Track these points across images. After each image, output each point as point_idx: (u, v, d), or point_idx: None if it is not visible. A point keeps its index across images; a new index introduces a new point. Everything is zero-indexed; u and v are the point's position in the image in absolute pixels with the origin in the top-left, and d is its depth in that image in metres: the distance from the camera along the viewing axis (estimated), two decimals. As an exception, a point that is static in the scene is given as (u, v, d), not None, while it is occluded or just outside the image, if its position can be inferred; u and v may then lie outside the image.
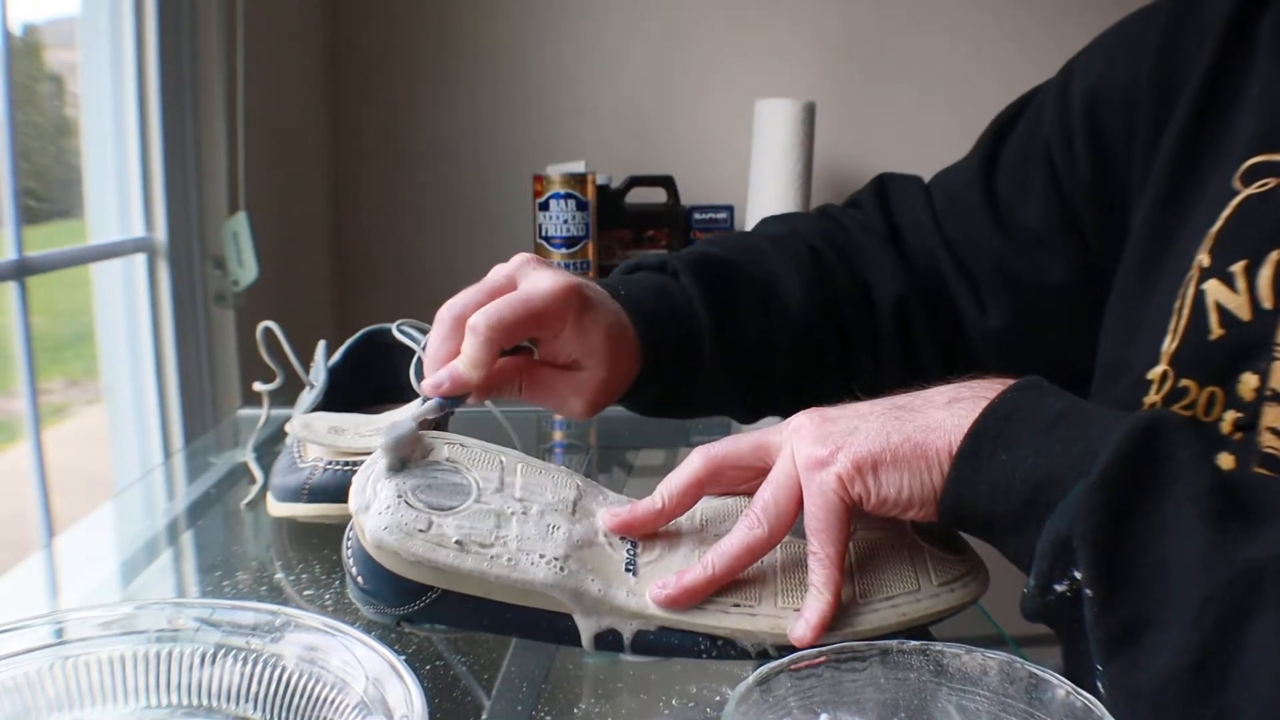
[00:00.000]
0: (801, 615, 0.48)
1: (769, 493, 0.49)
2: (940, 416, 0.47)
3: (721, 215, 1.65)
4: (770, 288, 0.69)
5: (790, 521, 0.49)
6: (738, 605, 0.49)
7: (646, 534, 0.51)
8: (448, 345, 0.56)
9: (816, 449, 0.48)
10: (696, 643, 0.49)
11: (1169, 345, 0.55)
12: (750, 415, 0.73)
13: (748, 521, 0.49)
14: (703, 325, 0.65)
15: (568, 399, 0.60)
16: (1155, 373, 0.56)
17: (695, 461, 0.51)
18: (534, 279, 0.57)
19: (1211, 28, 0.59)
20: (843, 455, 0.47)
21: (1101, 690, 0.41)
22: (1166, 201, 0.59)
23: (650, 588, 0.49)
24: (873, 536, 0.52)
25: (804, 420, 0.50)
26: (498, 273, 0.59)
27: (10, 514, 1.07)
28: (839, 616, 0.48)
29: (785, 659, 0.42)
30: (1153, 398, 0.56)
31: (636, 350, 0.62)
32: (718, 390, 0.68)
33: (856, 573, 0.50)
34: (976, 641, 0.44)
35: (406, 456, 0.49)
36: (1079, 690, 0.39)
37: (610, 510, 0.51)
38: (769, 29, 1.74)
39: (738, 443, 0.52)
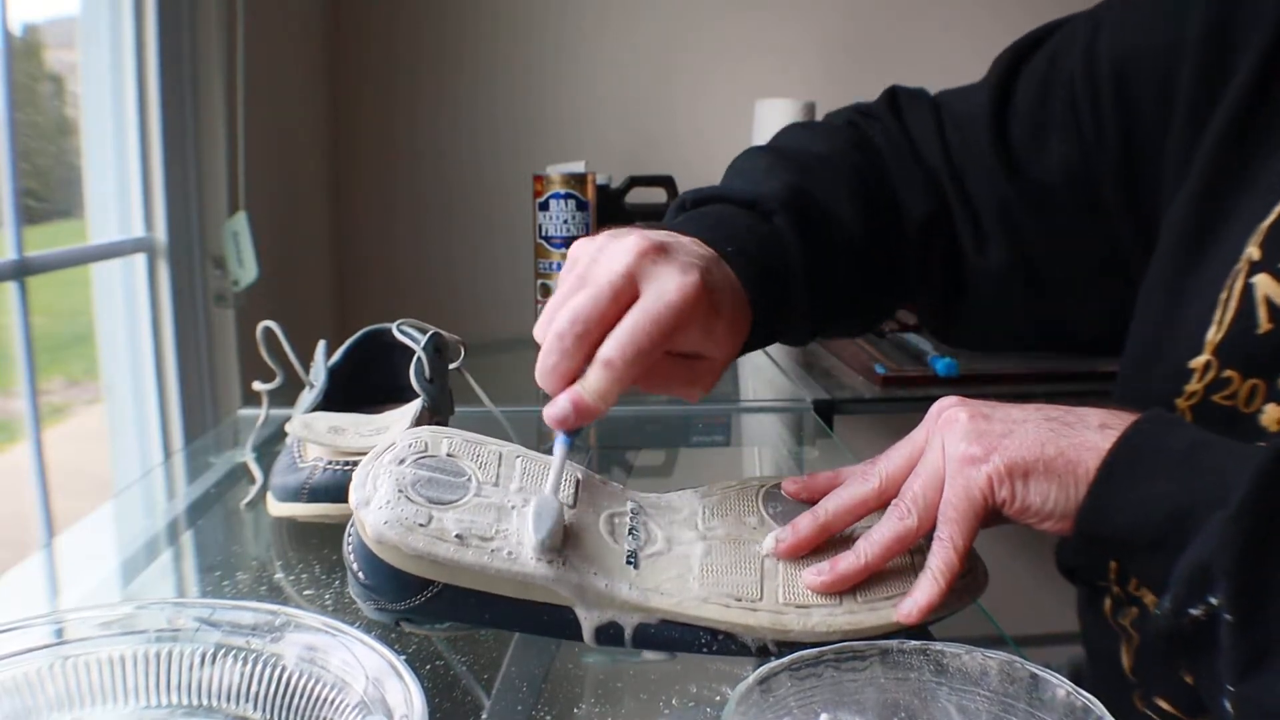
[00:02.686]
0: (911, 595, 0.49)
1: (918, 484, 0.50)
2: (1094, 438, 0.48)
3: (721, 215, 1.65)
4: (833, 219, 0.67)
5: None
6: (739, 600, 0.49)
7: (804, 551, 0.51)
8: (569, 363, 0.50)
9: (970, 446, 0.49)
10: (697, 636, 0.49)
11: (1214, 335, 0.56)
12: (807, 339, 0.72)
13: (898, 512, 0.50)
14: (798, 275, 0.64)
15: (686, 387, 0.57)
16: (1198, 362, 0.56)
17: (863, 487, 0.52)
18: (660, 283, 0.51)
19: (1267, 14, 0.57)
20: (997, 456, 0.48)
21: (1229, 708, 0.43)
22: (1212, 189, 0.58)
23: (805, 574, 0.50)
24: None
25: (957, 414, 0.50)
26: (613, 270, 0.51)
27: (10, 514, 1.07)
28: (839, 615, 0.49)
29: (785, 659, 0.42)
30: (1194, 386, 0.56)
31: (748, 314, 0.60)
32: (794, 326, 0.67)
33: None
34: (976, 641, 0.44)
35: (558, 533, 0.48)
36: (1079, 690, 0.39)
37: (777, 536, 0.51)
38: (769, 29, 1.74)
39: (893, 459, 0.52)
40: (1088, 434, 0.48)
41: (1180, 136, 0.61)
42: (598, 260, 0.53)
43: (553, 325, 0.51)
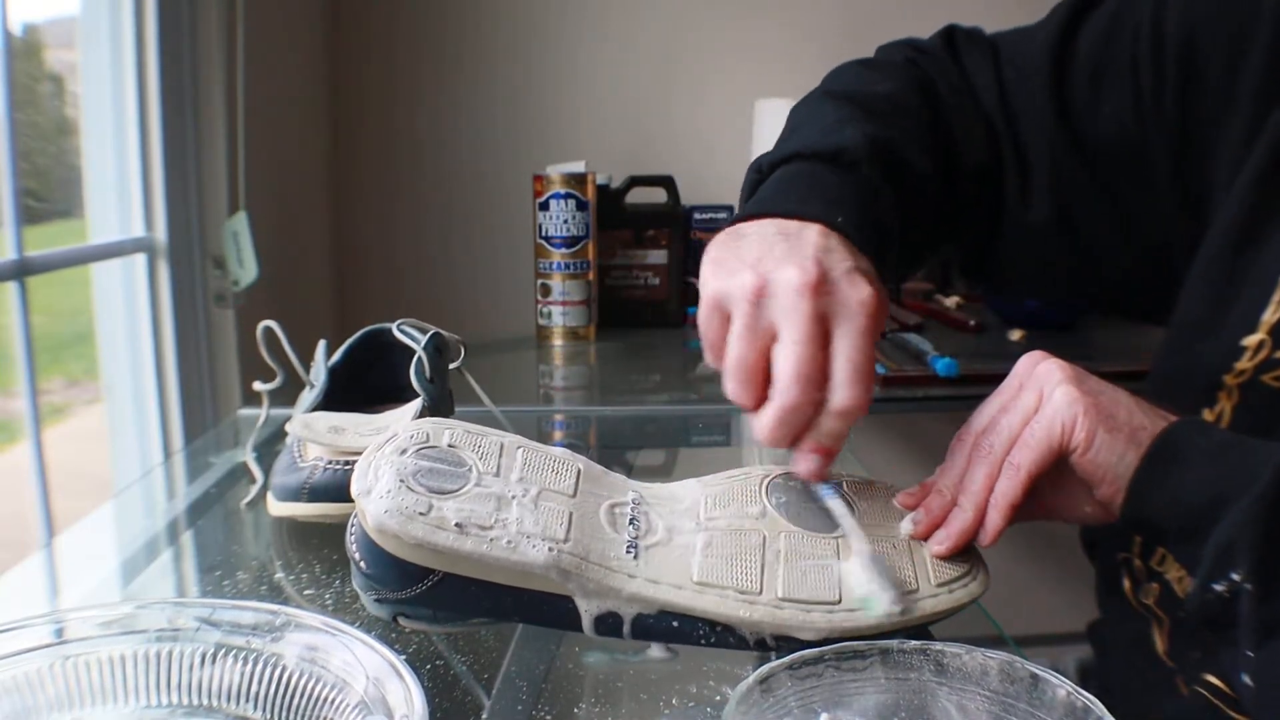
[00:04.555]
0: (985, 520, 0.51)
1: (1005, 419, 0.52)
2: (1159, 425, 0.50)
3: (722, 215, 1.65)
4: (913, 168, 0.66)
5: None
6: (739, 593, 0.49)
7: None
8: (802, 425, 0.51)
9: (1070, 386, 0.50)
10: (695, 628, 0.49)
11: (1270, 316, 0.57)
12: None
13: (980, 451, 0.52)
14: (894, 237, 0.62)
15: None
16: (1251, 340, 0.58)
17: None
18: (848, 317, 0.51)
19: None
20: (1091, 400, 0.50)
21: (1247, 680, 0.45)
22: (1277, 169, 0.58)
23: (930, 546, 0.52)
24: (874, 536, 0.52)
25: (1054, 368, 0.52)
26: (802, 324, 0.50)
27: (10, 514, 1.07)
28: (838, 613, 0.49)
29: (785, 658, 0.42)
30: (1244, 364, 0.58)
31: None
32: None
33: (856, 572, 0.50)
34: (976, 641, 0.44)
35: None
36: (1079, 690, 0.39)
37: (913, 519, 0.53)
38: (769, 29, 1.74)
39: (1014, 425, 0.52)
40: (1158, 420, 0.50)
41: (1245, 113, 0.60)
42: (765, 306, 0.51)
43: (780, 397, 0.50)
